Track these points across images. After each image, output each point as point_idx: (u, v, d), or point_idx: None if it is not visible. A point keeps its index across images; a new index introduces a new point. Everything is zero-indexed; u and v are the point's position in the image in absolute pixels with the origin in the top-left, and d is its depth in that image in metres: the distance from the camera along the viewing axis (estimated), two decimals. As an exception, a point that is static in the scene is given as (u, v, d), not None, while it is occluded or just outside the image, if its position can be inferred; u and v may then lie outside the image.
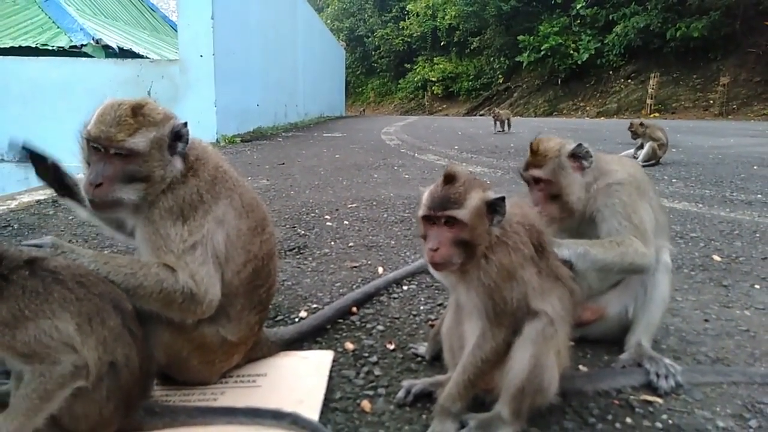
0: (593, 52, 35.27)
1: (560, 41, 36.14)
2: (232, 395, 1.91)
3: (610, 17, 34.58)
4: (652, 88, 30.28)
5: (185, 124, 1.85)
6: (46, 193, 5.12)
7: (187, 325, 1.81)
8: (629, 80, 34.46)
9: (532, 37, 37.48)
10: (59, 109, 10.85)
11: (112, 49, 16.85)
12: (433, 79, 44.47)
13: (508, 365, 1.67)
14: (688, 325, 2.56)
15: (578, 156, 2.18)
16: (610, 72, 35.53)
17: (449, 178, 1.64)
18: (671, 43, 31.68)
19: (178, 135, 1.82)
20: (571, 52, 36.03)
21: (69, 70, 11.68)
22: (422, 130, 17.24)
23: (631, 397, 1.92)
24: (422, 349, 2.25)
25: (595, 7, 35.46)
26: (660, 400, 1.90)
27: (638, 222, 2.09)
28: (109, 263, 1.67)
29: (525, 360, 1.64)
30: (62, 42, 16.85)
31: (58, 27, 17.76)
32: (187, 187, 1.80)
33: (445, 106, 44.07)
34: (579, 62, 35.94)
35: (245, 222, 1.90)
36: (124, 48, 17.69)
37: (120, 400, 1.51)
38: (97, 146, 1.72)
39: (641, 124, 8.97)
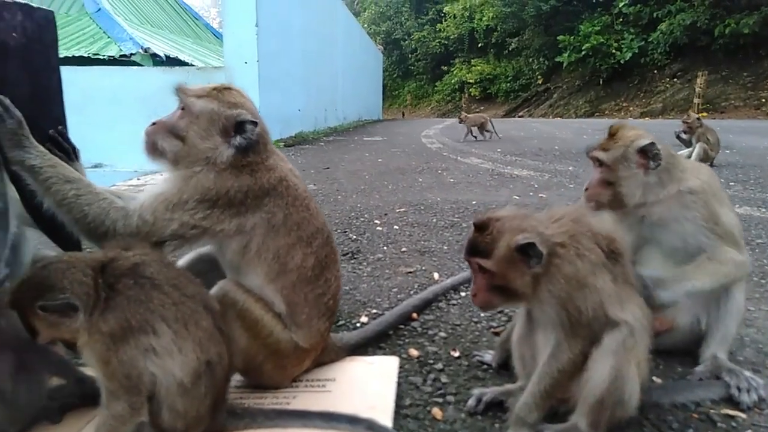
0: (637, 51, 34.32)
1: (602, 40, 35.29)
2: (303, 399, 1.94)
3: (655, 15, 33.58)
4: (700, 87, 29.18)
5: (255, 123, 1.86)
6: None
7: (264, 331, 1.87)
8: (675, 79, 33.37)
9: (572, 37, 36.75)
10: (111, 116, 11.26)
11: (159, 57, 17.38)
12: (471, 81, 44.11)
13: (586, 375, 1.64)
14: (764, 336, 2.46)
15: (646, 154, 2.11)
16: (655, 71, 34.49)
17: (479, 227, 1.69)
18: (720, 40, 30.51)
19: (241, 128, 1.84)
20: (614, 51, 35.14)
21: (120, 79, 12.10)
22: (461, 133, 17.09)
23: (711, 411, 1.87)
24: (488, 356, 2.24)
25: (639, 5, 34.51)
26: (743, 415, 1.84)
27: (724, 231, 2.03)
28: (56, 168, 1.71)
29: (605, 371, 1.61)
30: (112, 51, 17.49)
31: (108, 37, 18.44)
32: (237, 182, 1.82)
33: (482, 108, 43.52)
34: (622, 61, 35.01)
35: (282, 239, 1.89)
36: (171, 56, 18.22)
37: (213, 397, 1.57)
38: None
39: (698, 119, 8.64)
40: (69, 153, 1.91)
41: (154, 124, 1.87)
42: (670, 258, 2.17)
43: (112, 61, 16.74)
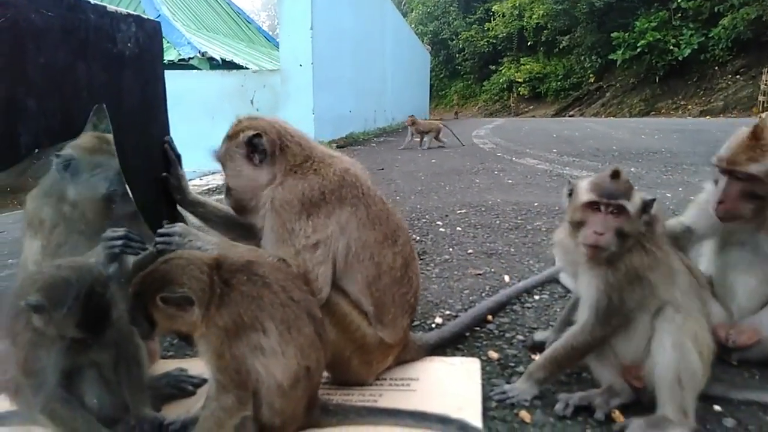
0: (696, 47, 32.89)
1: (659, 37, 33.99)
2: (390, 397, 1.98)
3: (716, 9, 32.09)
4: (765, 84, 27.76)
5: (257, 135, 1.88)
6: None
7: (352, 326, 1.92)
8: (738, 76, 31.82)
9: (627, 34, 35.56)
10: (172, 119, 11.68)
11: (216, 60, 17.91)
12: (520, 80, 43.35)
13: (651, 363, 1.73)
14: None
15: None
16: (716, 68, 32.98)
17: (616, 174, 1.79)
18: (788, 35, 28.94)
19: (252, 146, 1.89)
20: (671, 47, 33.80)
21: (181, 82, 12.49)
22: (514, 133, 16.86)
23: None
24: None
25: (699, -1, 33.12)
26: None
27: None
28: (230, 251, 1.78)
29: (668, 350, 1.70)
30: (172, 56, 18.08)
31: (168, 42, 19.02)
32: (306, 182, 1.86)
33: (531, 107, 42.87)
34: (680, 58, 33.63)
35: (371, 234, 1.93)
36: (226, 59, 18.74)
37: (309, 397, 1.63)
38: None
39: None
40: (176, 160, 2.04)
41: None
42: None
43: (171, 65, 17.35)
